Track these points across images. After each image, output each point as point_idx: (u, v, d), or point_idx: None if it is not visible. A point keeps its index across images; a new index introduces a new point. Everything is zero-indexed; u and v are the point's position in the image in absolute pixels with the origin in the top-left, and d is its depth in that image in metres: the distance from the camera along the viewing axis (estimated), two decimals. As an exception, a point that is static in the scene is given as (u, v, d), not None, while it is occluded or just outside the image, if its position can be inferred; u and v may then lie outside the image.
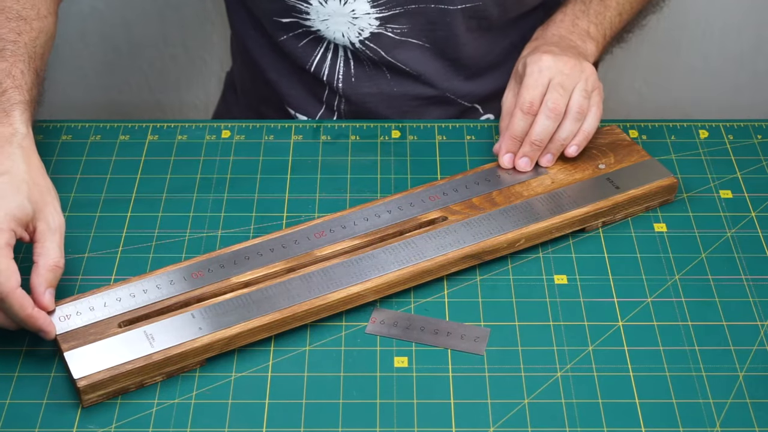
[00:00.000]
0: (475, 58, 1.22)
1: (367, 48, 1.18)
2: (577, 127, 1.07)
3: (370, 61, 1.20)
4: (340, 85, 1.22)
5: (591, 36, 1.16)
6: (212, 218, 1.07)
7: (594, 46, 1.16)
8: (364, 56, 1.20)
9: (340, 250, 1.00)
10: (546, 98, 1.06)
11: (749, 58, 1.76)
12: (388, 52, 1.19)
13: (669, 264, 1.03)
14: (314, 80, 1.24)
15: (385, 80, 1.22)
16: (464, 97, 1.25)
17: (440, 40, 1.19)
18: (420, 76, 1.22)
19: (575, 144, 1.08)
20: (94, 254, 1.03)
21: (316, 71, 1.22)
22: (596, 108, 1.08)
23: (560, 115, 1.06)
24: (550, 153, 1.08)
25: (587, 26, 1.17)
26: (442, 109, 1.25)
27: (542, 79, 1.07)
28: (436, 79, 1.22)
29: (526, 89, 1.07)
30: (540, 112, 1.06)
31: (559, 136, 1.07)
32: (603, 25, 1.18)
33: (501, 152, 1.08)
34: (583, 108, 1.07)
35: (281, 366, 0.93)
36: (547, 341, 0.95)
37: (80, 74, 1.76)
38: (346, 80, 1.22)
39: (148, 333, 0.92)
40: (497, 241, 1.01)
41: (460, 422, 0.89)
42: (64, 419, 0.89)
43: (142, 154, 1.14)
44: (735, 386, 0.92)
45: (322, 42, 1.20)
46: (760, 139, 1.18)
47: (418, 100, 1.23)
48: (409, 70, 1.21)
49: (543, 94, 1.07)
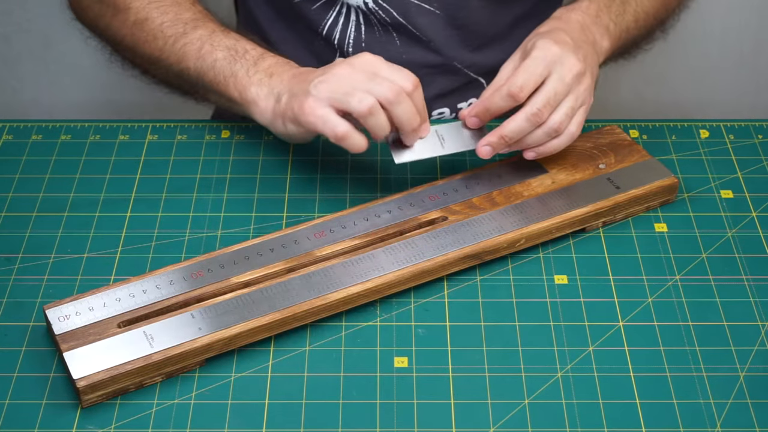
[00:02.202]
0: (483, 26, 1.23)
1: (381, 8, 1.20)
2: (546, 141, 1.05)
3: (381, 24, 1.21)
4: (350, 49, 1.23)
5: (610, 33, 1.14)
6: (212, 218, 1.07)
7: (609, 45, 1.14)
8: (375, 19, 1.21)
9: (340, 250, 1.00)
10: (534, 101, 1.03)
11: (749, 58, 1.76)
12: (401, 13, 1.20)
13: (669, 264, 1.02)
14: (325, 47, 1.25)
15: (394, 46, 1.23)
16: (470, 67, 1.26)
17: (452, 5, 1.20)
18: (430, 42, 1.23)
19: (536, 152, 1.06)
20: (94, 254, 1.03)
21: (328, 35, 1.24)
22: (575, 128, 1.05)
23: (540, 122, 1.03)
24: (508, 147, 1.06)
25: (608, 22, 1.15)
26: (448, 79, 1.25)
27: (542, 69, 1.04)
28: (444, 47, 1.23)
29: (522, 71, 1.04)
30: (522, 111, 1.03)
31: (525, 140, 1.05)
32: (621, 26, 1.16)
33: (469, 112, 1.07)
34: (561, 127, 1.04)
35: (281, 366, 0.93)
36: (548, 341, 0.95)
37: (80, 74, 1.76)
38: (356, 45, 1.23)
39: (148, 333, 0.92)
40: (497, 241, 1.01)
41: (460, 422, 0.89)
42: (64, 419, 0.89)
43: (142, 154, 1.14)
44: (735, 387, 0.91)
45: (336, 5, 1.22)
46: (760, 138, 1.17)
47: (426, 68, 1.24)
48: (420, 35, 1.22)
49: (537, 84, 1.03)
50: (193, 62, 1.12)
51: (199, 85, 1.13)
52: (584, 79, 1.06)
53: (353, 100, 1.00)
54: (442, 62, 1.24)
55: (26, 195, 1.09)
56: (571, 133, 1.05)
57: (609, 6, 1.16)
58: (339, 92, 1.01)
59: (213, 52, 1.11)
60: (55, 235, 1.04)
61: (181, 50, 1.13)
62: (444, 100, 1.27)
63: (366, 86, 1.01)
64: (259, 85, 1.08)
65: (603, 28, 1.14)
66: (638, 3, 1.19)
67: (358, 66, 1.02)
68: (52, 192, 1.09)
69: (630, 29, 1.18)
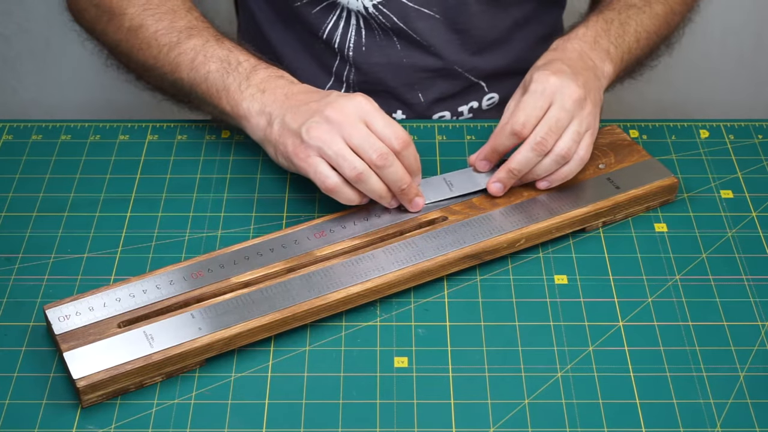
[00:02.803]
0: (482, 31, 1.23)
1: (380, 13, 1.19)
2: (556, 168, 1.05)
3: (382, 29, 1.21)
4: (351, 53, 1.23)
5: (610, 56, 1.14)
6: (212, 218, 1.07)
7: (612, 68, 1.13)
8: (375, 24, 1.21)
9: (340, 250, 1.00)
10: (537, 130, 1.03)
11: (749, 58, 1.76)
12: (401, 18, 1.20)
13: (669, 264, 1.02)
14: (325, 50, 1.25)
15: (395, 50, 1.23)
16: (471, 71, 1.26)
17: (451, 10, 1.20)
18: (430, 47, 1.23)
19: (548, 180, 1.05)
20: (94, 254, 1.03)
21: (328, 39, 1.23)
22: (584, 152, 1.05)
23: (546, 151, 1.03)
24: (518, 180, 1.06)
25: (608, 46, 1.14)
26: (449, 83, 1.25)
27: (542, 101, 1.04)
28: (445, 51, 1.23)
29: (522, 107, 1.04)
30: (526, 143, 1.03)
31: (535, 171, 1.04)
32: (622, 48, 1.15)
33: (478, 156, 1.07)
34: (570, 153, 1.04)
35: (281, 366, 0.93)
36: (548, 341, 0.95)
37: (80, 74, 1.75)
38: (356, 49, 1.23)
39: (148, 333, 0.92)
40: (497, 241, 1.01)
41: (460, 422, 0.89)
42: (64, 419, 0.89)
43: (142, 154, 1.14)
44: (735, 387, 0.91)
45: (336, 9, 1.22)
46: (760, 139, 1.17)
47: (427, 71, 1.24)
48: (420, 40, 1.22)
49: (539, 118, 1.03)
50: (186, 73, 1.11)
51: (193, 96, 1.12)
52: (586, 105, 1.05)
53: (343, 165, 0.99)
54: (443, 66, 1.24)
55: (26, 195, 1.09)
56: (581, 157, 1.05)
57: (607, 30, 1.15)
58: (330, 149, 0.99)
59: (206, 63, 1.10)
60: (55, 235, 1.04)
61: (174, 60, 1.12)
62: (444, 104, 1.27)
63: (357, 144, 0.99)
64: (251, 101, 1.06)
65: (603, 52, 1.13)
66: (638, 23, 1.18)
67: (351, 113, 1.00)
68: (52, 192, 1.09)
69: (632, 50, 1.17)
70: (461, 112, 1.28)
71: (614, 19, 1.17)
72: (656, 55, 1.24)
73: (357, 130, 0.99)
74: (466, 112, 1.28)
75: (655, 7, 1.20)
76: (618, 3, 1.20)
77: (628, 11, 1.18)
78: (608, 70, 1.13)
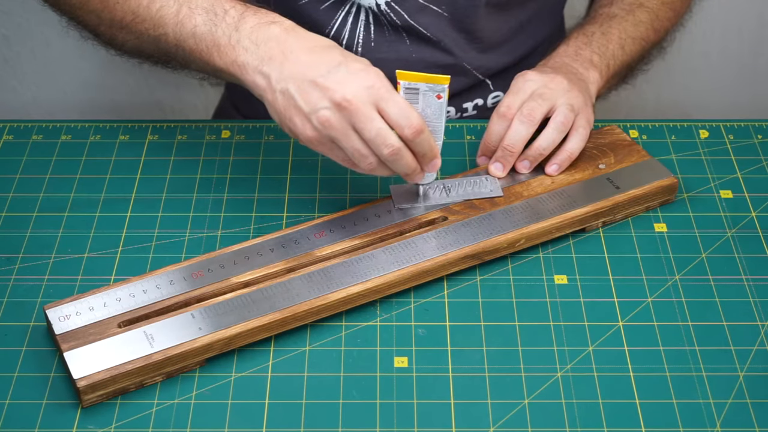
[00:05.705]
0: (488, 31, 1.24)
1: (392, 10, 1.19)
2: (559, 138, 1.07)
3: (391, 25, 1.21)
4: (360, 49, 1.23)
5: (594, 64, 1.16)
6: (212, 218, 1.07)
7: (597, 74, 1.16)
8: (385, 20, 1.21)
9: (340, 250, 1.00)
10: (522, 106, 1.07)
11: (749, 58, 1.76)
12: (411, 15, 1.20)
13: (669, 264, 1.02)
14: None
15: (404, 46, 1.23)
16: (478, 68, 1.26)
17: (460, 10, 1.21)
18: (439, 43, 1.23)
19: (556, 163, 1.07)
20: (94, 254, 1.03)
21: (336, 36, 1.23)
22: (583, 129, 1.08)
23: (535, 121, 1.06)
24: (527, 159, 1.07)
25: (590, 55, 1.17)
26: (456, 80, 1.26)
27: (525, 88, 1.08)
28: (453, 48, 1.24)
29: (506, 96, 1.09)
30: (515, 118, 1.07)
31: (539, 144, 1.06)
32: (606, 56, 1.18)
33: (478, 155, 1.10)
34: (568, 120, 1.06)
35: (281, 366, 0.93)
36: (547, 341, 0.95)
37: (80, 74, 1.76)
38: (365, 45, 1.23)
39: (148, 333, 0.92)
40: (497, 241, 1.01)
41: (460, 422, 0.89)
42: (64, 419, 0.89)
43: (142, 154, 1.14)
44: (735, 386, 0.92)
45: (345, 5, 1.21)
46: (760, 139, 1.18)
47: (435, 67, 1.24)
48: (430, 36, 1.22)
49: (523, 101, 1.07)
50: (172, 28, 1.04)
51: (179, 53, 1.06)
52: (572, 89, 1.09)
53: (359, 160, 0.97)
54: (453, 62, 1.24)
55: (27, 195, 1.09)
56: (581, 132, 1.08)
57: (588, 43, 1.18)
58: (344, 144, 0.96)
59: (192, 16, 1.03)
60: (55, 235, 1.05)
61: (157, 14, 1.04)
62: (450, 101, 1.27)
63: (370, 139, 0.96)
64: (245, 55, 1.01)
65: (586, 62, 1.16)
66: (622, 30, 1.20)
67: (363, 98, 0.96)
68: (52, 192, 1.10)
69: (617, 56, 1.19)
70: (465, 109, 1.28)
71: (595, 32, 1.20)
72: (647, 60, 1.26)
73: (370, 123, 0.95)
74: (471, 109, 1.29)
75: (639, 15, 1.23)
76: (599, 17, 1.22)
77: (610, 21, 1.21)
78: (594, 76, 1.15)
